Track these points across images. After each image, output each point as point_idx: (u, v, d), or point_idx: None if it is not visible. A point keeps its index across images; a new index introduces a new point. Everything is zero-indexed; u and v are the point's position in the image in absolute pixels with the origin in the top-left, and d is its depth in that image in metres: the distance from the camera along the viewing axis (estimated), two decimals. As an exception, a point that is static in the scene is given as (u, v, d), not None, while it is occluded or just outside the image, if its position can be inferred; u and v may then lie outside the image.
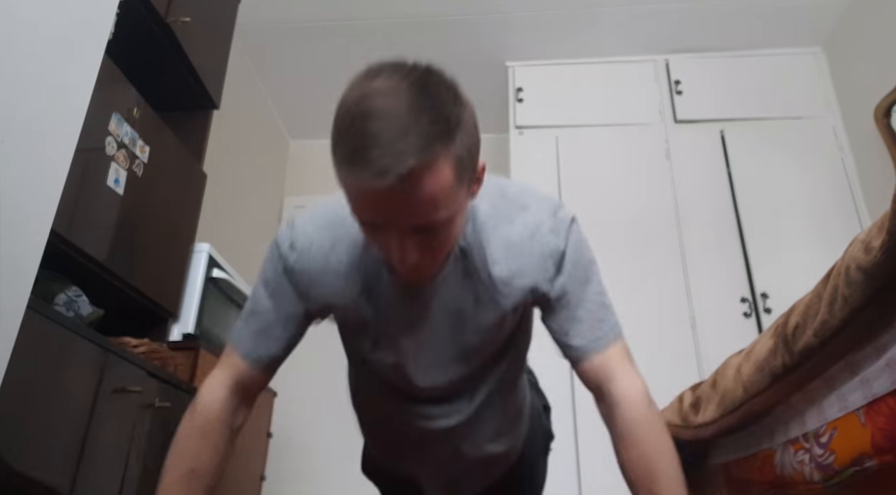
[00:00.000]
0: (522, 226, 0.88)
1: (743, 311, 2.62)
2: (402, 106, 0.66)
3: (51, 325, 1.27)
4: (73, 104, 1.30)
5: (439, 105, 0.68)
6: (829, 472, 0.78)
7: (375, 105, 0.67)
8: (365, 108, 0.67)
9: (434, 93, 0.69)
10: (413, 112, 0.66)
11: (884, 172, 2.65)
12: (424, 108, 0.67)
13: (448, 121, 0.68)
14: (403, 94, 0.67)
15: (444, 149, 0.67)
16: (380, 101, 0.67)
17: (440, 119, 0.67)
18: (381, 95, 0.67)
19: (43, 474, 1.25)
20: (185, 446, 0.89)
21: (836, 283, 0.72)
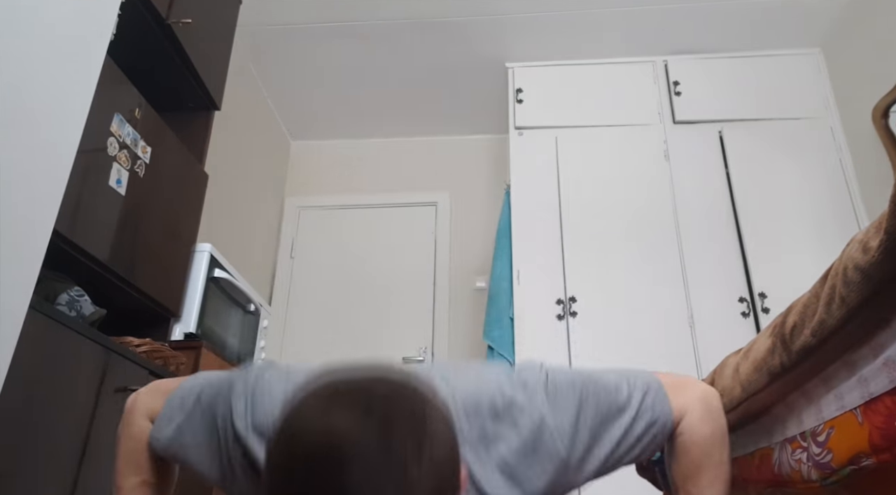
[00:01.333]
0: (517, 440, 0.79)
1: (741, 311, 2.63)
2: (370, 455, 0.55)
3: (53, 325, 1.28)
4: (75, 105, 1.30)
5: (409, 448, 0.57)
6: (827, 471, 0.79)
7: (341, 451, 0.56)
8: (328, 452, 0.56)
9: (401, 435, 0.58)
10: (383, 463, 0.56)
11: (882, 173, 2.65)
12: (393, 455, 0.56)
13: (419, 463, 0.57)
14: (370, 442, 0.56)
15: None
16: (345, 447, 0.56)
17: (411, 466, 0.57)
18: (344, 439, 0.56)
19: (45, 473, 1.25)
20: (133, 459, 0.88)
21: (834, 283, 0.73)
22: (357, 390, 0.60)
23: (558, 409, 0.82)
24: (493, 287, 2.91)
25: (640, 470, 1.37)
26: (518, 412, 0.80)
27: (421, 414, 0.60)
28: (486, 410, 0.80)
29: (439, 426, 0.62)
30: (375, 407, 0.59)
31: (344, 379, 0.62)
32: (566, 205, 2.90)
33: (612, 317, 2.62)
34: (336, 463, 0.56)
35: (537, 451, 0.79)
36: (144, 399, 0.91)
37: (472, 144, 3.84)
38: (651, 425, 0.86)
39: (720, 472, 0.86)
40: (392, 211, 3.70)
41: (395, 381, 0.62)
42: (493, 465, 0.78)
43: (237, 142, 3.08)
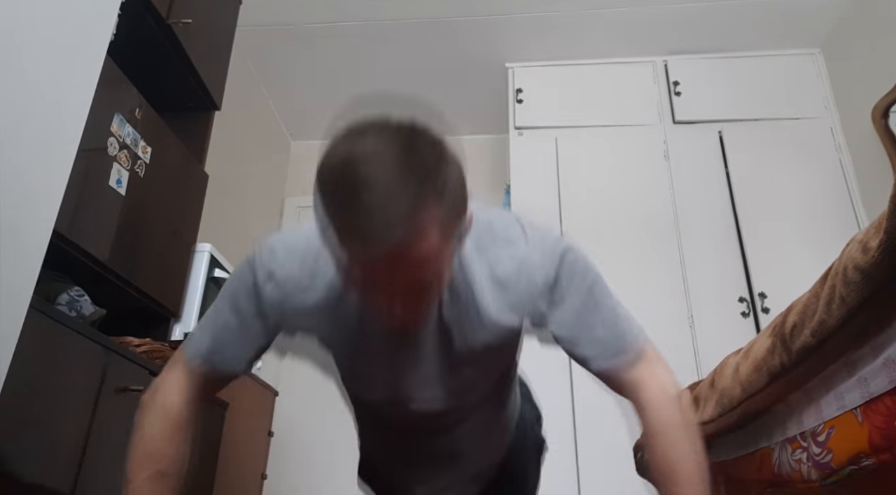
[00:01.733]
0: (509, 262, 0.86)
1: (741, 311, 2.63)
2: (388, 174, 0.65)
3: (53, 325, 1.28)
4: (75, 105, 1.30)
5: (425, 169, 0.67)
6: (827, 471, 0.79)
7: (361, 172, 0.65)
8: (351, 174, 0.66)
9: (420, 156, 0.67)
10: (399, 180, 0.65)
11: (881, 173, 2.66)
12: (410, 175, 0.66)
13: (434, 185, 0.67)
14: (389, 161, 0.66)
15: (431, 214, 0.67)
16: (366, 168, 0.65)
17: (426, 184, 0.66)
18: (366, 162, 0.66)
19: (45, 473, 1.25)
20: (150, 448, 0.88)
21: (834, 283, 0.73)
22: (388, 123, 0.70)
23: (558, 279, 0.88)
24: (493, 287, 2.91)
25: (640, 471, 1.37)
26: (521, 242, 0.88)
27: (440, 147, 0.70)
28: (490, 228, 0.88)
29: (455, 161, 0.71)
30: (401, 136, 0.68)
31: (374, 116, 0.71)
32: (566, 206, 2.90)
33: (612, 317, 2.62)
34: (350, 183, 0.66)
35: (521, 279, 0.86)
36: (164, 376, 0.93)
37: (472, 144, 3.84)
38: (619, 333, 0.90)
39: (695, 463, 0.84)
40: (392, 211, 3.70)
41: (422, 121, 0.71)
42: (486, 267, 0.86)
43: (237, 143, 3.08)
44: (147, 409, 0.91)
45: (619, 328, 0.91)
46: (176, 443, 0.89)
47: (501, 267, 0.86)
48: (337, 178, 0.67)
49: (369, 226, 0.65)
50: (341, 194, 0.67)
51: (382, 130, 0.69)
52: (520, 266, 0.86)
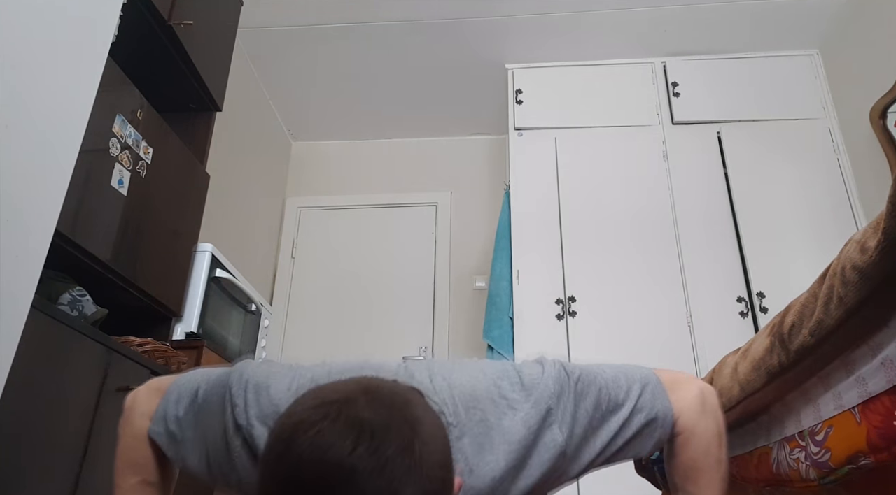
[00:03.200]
0: (512, 433, 0.79)
1: (739, 310, 2.63)
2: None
3: (55, 325, 1.28)
4: (77, 105, 1.31)
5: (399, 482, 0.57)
6: (825, 470, 0.79)
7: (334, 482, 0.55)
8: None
9: (392, 466, 0.57)
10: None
11: (879, 173, 2.66)
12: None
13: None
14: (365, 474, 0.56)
15: None
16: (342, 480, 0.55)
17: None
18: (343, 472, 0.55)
19: (47, 472, 1.26)
20: (133, 458, 0.88)
21: (832, 283, 0.73)
22: (348, 412, 0.59)
23: (558, 400, 0.82)
24: (492, 287, 2.92)
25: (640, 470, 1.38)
26: (519, 401, 0.81)
27: (410, 438, 0.59)
28: (485, 402, 0.81)
29: (431, 444, 0.61)
30: (365, 433, 0.57)
31: (333, 399, 0.61)
32: (565, 206, 2.91)
33: (611, 317, 2.63)
34: (328, 490, 0.55)
35: (538, 441, 0.80)
36: (143, 397, 0.91)
37: (472, 145, 3.85)
38: (650, 420, 0.86)
39: (718, 471, 0.86)
40: (392, 211, 3.70)
41: (386, 399, 0.62)
42: (498, 451, 0.79)
43: (238, 143, 3.08)
44: (125, 421, 0.90)
45: (648, 414, 0.86)
46: (157, 456, 0.89)
47: (515, 440, 0.79)
48: (302, 482, 0.56)
49: None
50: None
51: (345, 433, 0.57)
52: (532, 426, 0.80)
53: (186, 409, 0.87)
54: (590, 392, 0.85)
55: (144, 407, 0.90)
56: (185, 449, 0.86)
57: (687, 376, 0.92)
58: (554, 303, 2.69)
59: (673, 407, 0.87)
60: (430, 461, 0.60)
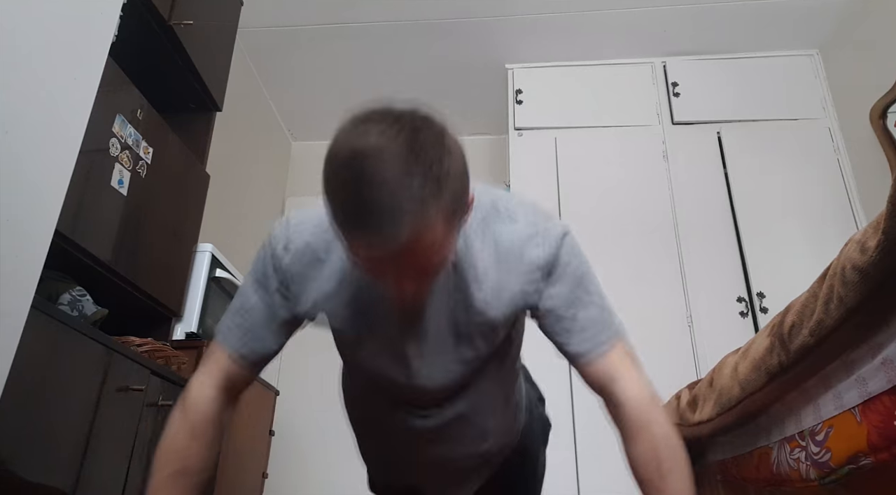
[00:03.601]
0: (510, 239, 0.88)
1: (739, 311, 2.63)
2: (394, 169, 0.66)
3: (55, 325, 1.28)
4: (77, 105, 1.31)
5: (429, 163, 0.68)
6: (825, 470, 0.79)
7: (367, 168, 0.66)
8: (357, 170, 0.67)
9: (423, 149, 0.68)
10: (404, 174, 0.66)
11: (879, 173, 2.66)
12: (415, 168, 0.67)
13: (438, 178, 0.68)
14: (393, 157, 0.66)
15: (436, 207, 0.68)
16: (370, 165, 0.66)
17: (430, 177, 0.67)
18: (371, 156, 0.66)
19: (47, 472, 1.26)
20: (175, 446, 0.90)
21: (832, 283, 0.73)
22: (391, 114, 0.70)
23: (556, 261, 0.90)
24: (492, 287, 2.91)
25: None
26: (523, 221, 0.90)
27: (442, 137, 0.71)
28: (494, 206, 0.90)
29: (456, 150, 0.73)
30: (404, 129, 0.68)
31: (378, 107, 0.72)
32: (565, 206, 2.91)
33: (611, 318, 2.62)
34: (356, 180, 0.66)
35: (522, 254, 0.88)
36: (198, 370, 0.95)
37: (472, 145, 3.80)
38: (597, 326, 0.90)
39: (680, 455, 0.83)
40: (392, 211, 3.70)
41: (423, 111, 0.73)
42: (490, 242, 0.88)
43: (239, 143, 3.08)
44: (177, 407, 0.92)
45: (604, 318, 0.92)
46: (199, 441, 0.90)
47: (503, 243, 0.88)
48: (342, 174, 0.68)
49: (374, 226, 0.66)
50: (345, 192, 0.68)
51: (385, 123, 0.69)
52: (521, 245, 0.88)
53: (239, 308, 0.95)
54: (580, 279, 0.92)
55: (198, 380, 0.94)
56: (261, 332, 0.93)
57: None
58: (554, 303, 2.69)
59: (618, 363, 0.89)
60: (457, 161, 0.72)
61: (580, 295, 0.91)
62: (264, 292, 0.93)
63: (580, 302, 0.91)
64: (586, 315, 0.91)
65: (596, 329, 0.91)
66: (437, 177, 0.68)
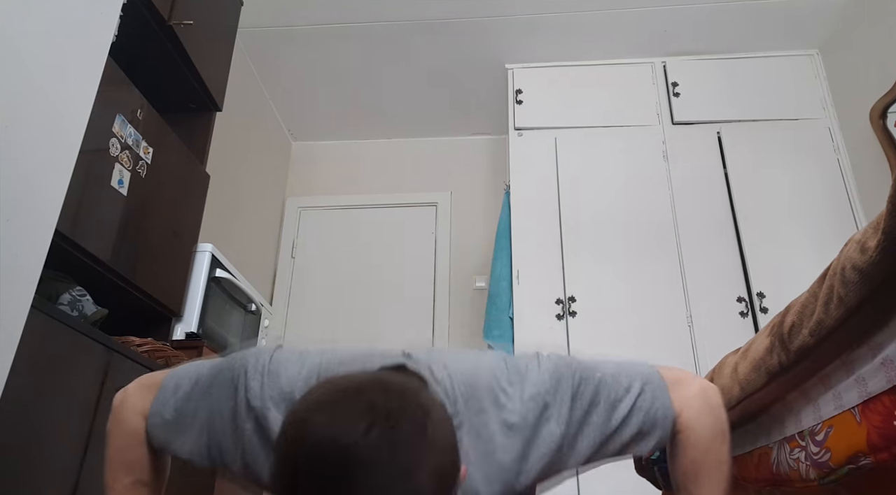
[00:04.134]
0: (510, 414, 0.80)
1: (739, 311, 2.63)
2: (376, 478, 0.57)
3: (55, 325, 1.28)
4: (77, 106, 1.31)
5: (411, 470, 0.58)
6: (825, 470, 0.79)
7: (349, 472, 0.57)
8: (336, 473, 0.57)
9: (405, 451, 0.59)
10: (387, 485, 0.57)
11: (879, 173, 2.66)
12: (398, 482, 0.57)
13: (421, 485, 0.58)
14: (375, 461, 0.57)
15: None
16: (354, 468, 0.57)
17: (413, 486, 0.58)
18: (354, 457, 0.57)
19: (47, 473, 1.26)
20: (126, 458, 0.87)
21: (832, 283, 0.73)
22: (361, 399, 0.61)
23: (555, 395, 0.82)
24: (492, 287, 2.92)
25: (640, 470, 1.38)
26: (515, 396, 0.82)
27: (423, 422, 0.61)
28: (484, 393, 0.81)
29: (441, 428, 0.63)
30: (379, 417, 0.59)
31: (346, 387, 0.63)
32: (565, 206, 2.91)
33: (611, 317, 2.63)
34: (343, 473, 0.57)
35: (537, 433, 0.80)
36: (134, 395, 0.90)
37: (472, 145, 3.85)
38: (646, 421, 0.85)
39: (721, 471, 0.85)
40: (392, 211, 3.70)
41: (397, 388, 0.64)
42: (493, 443, 0.79)
43: (238, 143, 3.08)
44: (116, 421, 0.89)
45: (647, 412, 0.85)
46: (150, 455, 0.88)
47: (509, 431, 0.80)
48: (319, 463, 0.58)
49: None
50: (326, 483, 0.57)
51: (360, 416, 0.59)
52: (529, 417, 0.80)
53: (187, 396, 0.87)
54: (588, 387, 0.84)
55: (137, 404, 0.89)
56: (184, 437, 0.85)
57: (689, 374, 0.91)
58: (554, 303, 2.69)
59: (674, 405, 0.86)
60: (441, 443, 0.62)
61: (602, 410, 0.84)
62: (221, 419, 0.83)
63: (607, 414, 0.84)
64: (628, 430, 0.84)
65: (651, 423, 0.85)
66: (424, 473, 0.59)
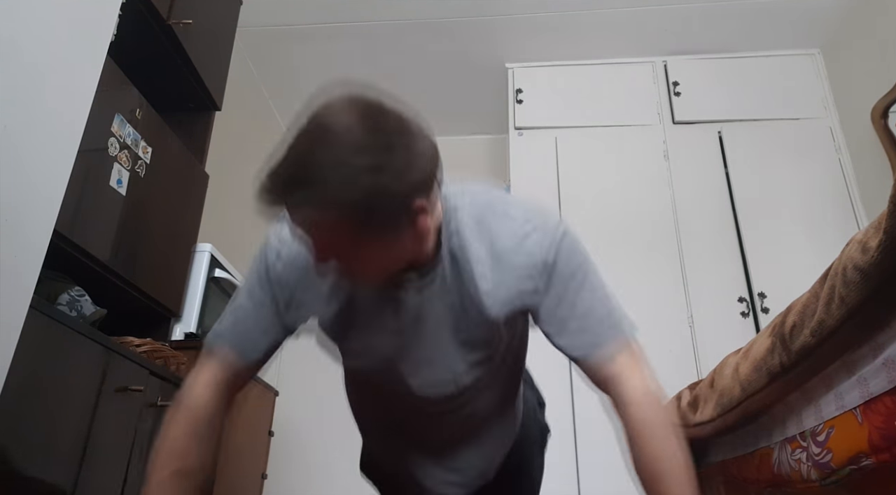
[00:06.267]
0: (507, 237, 0.87)
1: (741, 311, 2.63)
2: (324, 155, 0.71)
3: (54, 325, 1.28)
4: (76, 105, 1.31)
5: (356, 162, 0.70)
6: (827, 471, 0.79)
7: (304, 144, 0.73)
8: (302, 144, 0.73)
9: (382, 131, 0.73)
10: (328, 166, 0.70)
11: (881, 173, 2.66)
12: (340, 162, 0.70)
13: (355, 181, 0.70)
14: (335, 141, 0.71)
15: (343, 209, 0.71)
16: (311, 142, 0.73)
17: (350, 178, 0.70)
18: (316, 137, 0.72)
19: (45, 473, 1.25)
20: (173, 446, 0.89)
21: (833, 283, 0.73)
22: (350, 100, 0.74)
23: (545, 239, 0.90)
24: (493, 287, 2.91)
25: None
26: (521, 220, 0.89)
27: (397, 132, 0.74)
28: (490, 205, 0.90)
29: (408, 151, 0.73)
30: (356, 111, 0.73)
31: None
32: (566, 206, 2.90)
33: (611, 318, 2.62)
34: (298, 146, 0.73)
35: (519, 254, 0.87)
36: (193, 371, 0.95)
37: (472, 144, 3.85)
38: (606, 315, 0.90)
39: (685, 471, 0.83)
40: (392, 211, 3.70)
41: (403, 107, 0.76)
42: (486, 241, 0.86)
43: (238, 143, 3.08)
44: (173, 407, 0.92)
45: (609, 318, 0.91)
46: (197, 441, 0.89)
47: (501, 241, 0.87)
48: (291, 141, 0.75)
49: (295, 197, 0.72)
50: (288, 154, 0.75)
51: (342, 107, 0.74)
52: (519, 242, 0.87)
53: (236, 304, 0.96)
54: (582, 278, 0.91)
55: (194, 380, 0.94)
56: (249, 323, 0.94)
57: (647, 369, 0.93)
58: (554, 302, 2.68)
59: (619, 360, 0.88)
60: (406, 154, 0.73)
61: (579, 294, 0.89)
62: (259, 298, 0.94)
63: (578, 301, 0.89)
64: (585, 315, 0.89)
65: (599, 329, 0.89)
66: (354, 181, 0.70)
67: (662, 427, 0.85)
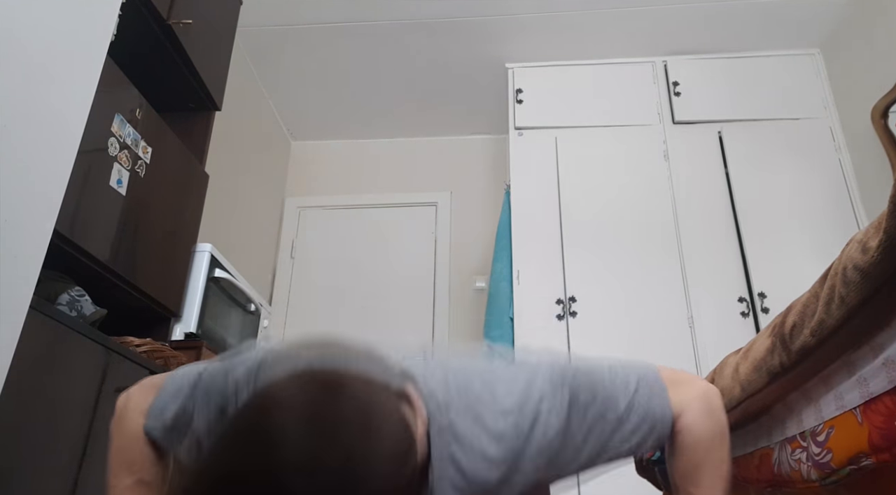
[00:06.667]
0: (503, 422, 0.77)
1: (741, 311, 2.63)
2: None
3: (54, 325, 1.28)
4: (76, 105, 1.31)
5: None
6: (827, 471, 0.79)
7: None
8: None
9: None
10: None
11: (881, 173, 2.66)
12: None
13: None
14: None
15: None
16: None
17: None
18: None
19: (46, 472, 1.25)
20: (128, 458, 0.88)
21: (833, 283, 0.73)
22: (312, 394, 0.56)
23: (552, 397, 0.81)
24: (492, 287, 2.91)
25: (640, 470, 1.37)
26: (511, 402, 0.79)
27: (366, 422, 0.56)
28: (478, 391, 0.79)
29: (390, 429, 0.58)
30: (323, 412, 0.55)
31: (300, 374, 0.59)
32: (566, 206, 2.90)
33: (611, 317, 2.63)
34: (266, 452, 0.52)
35: (532, 433, 0.78)
36: (137, 395, 0.91)
37: (472, 144, 3.85)
38: (645, 419, 0.83)
39: (720, 472, 0.84)
40: (392, 211, 3.70)
41: (351, 379, 0.60)
42: (483, 440, 0.77)
43: (238, 143, 3.08)
44: (120, 421, 0.90)
45: (646, 410, 0.84)
46: (153, 455, 0.89)
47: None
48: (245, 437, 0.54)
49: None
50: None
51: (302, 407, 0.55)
52: (521, 424, 0.78)
53: (186, 398, 0.86)
54: (585, 385, 0.83)
55: (140, 404, 0.90)
56: (182, 438, 0.86)
57: (690, 375, 0.90)
58: (554, 303, 2.69)
59: (673, 405, 0.85)
60: (386, 448, 0.56)
61: (599, 409, 0.82)
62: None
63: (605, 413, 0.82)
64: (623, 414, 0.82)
65: (649, 424, 0.83)
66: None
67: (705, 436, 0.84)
